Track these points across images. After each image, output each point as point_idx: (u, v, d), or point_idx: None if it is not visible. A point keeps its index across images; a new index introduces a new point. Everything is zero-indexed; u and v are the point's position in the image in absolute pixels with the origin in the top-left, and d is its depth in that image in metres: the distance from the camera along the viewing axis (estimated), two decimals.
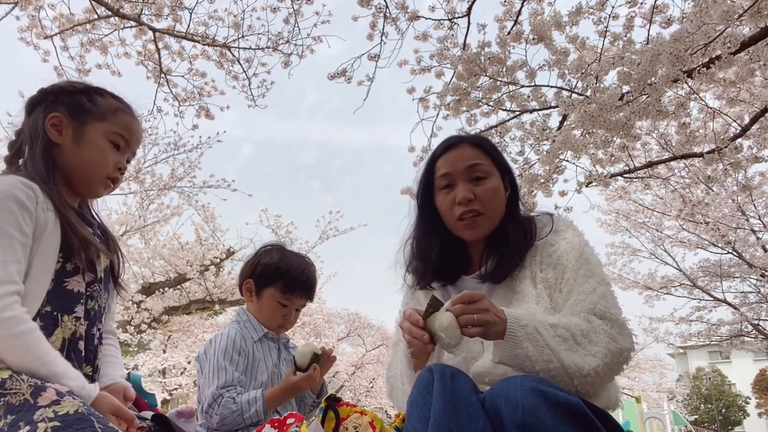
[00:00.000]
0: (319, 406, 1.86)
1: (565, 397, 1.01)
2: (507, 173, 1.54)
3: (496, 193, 1.47)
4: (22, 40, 4.50)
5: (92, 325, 1.29)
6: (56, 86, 1.40)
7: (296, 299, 1.89)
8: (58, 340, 1.20)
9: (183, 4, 4.58)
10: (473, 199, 1.44)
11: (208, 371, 1.73)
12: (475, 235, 1.47)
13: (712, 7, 2.77)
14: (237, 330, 1.83)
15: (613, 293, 1.36)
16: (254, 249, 2.02)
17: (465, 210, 1.44)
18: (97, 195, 1.43)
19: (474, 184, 1.46)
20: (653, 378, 18.79)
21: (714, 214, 8.35)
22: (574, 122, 3.57)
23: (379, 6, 4.07)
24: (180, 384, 12.06)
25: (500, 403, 1.01)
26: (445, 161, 1.50)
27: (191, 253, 9.26)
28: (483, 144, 1.53)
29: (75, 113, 1.35)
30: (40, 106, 1.36)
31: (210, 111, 5.30)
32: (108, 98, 1.41)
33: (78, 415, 1.03)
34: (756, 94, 4.86)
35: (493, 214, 1.46)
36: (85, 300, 1.28)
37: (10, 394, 1.05)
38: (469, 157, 1.47)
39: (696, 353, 35.36)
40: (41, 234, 1.21)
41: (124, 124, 1.39)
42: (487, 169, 1.47)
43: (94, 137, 1.35)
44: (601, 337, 1.24)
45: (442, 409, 1.03)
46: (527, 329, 1.19)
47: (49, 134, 1.33)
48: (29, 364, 1.10)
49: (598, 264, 1.40)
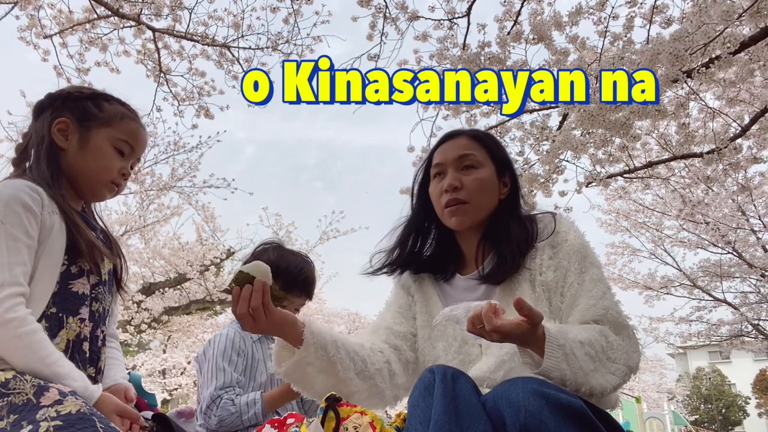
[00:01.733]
0: (301, 406, 1.86)
1: (568, 400, 1.00)
2: (507, 168, 1.51)
3: (484, 184, 1.44)
4: (21, 39, 4.51)
5: (96, 327, 1.31)
6: (64, 91, 1.41)
7: (295, 297, 1.89)
8: (62, 342, 1.21)
9: (182, 4, 4.58)
10: (459, 188, 1.42)
11: (207, 372, 1.73)
12: (459, 223, 1.44)
13: (711, 7, 2.77)
14: (236, 330, 1.83)
15: (616, 297, 1.34)
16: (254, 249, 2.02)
17: (450, 198, 1.43)
18: (101, 199, 1.45)
19: (463, 173, 1.44)
20: (653, 378, 18.79)
21: (714, 214, 8.35)
22: (573, 122, 3.57)
23: (379, 6, 4.07)
24: (180, 384, 12.07)
25: (502, 405, 1.00)
26: (440, 151, 1.49)
27: (191, 253, 9.26)
28: (480, 136, 1.52)
29: (81, 119, 1.36)
30: (47, 111, 1.38)
31: (210, 111, 5.30)
32: (115, 104, 1.42)
33: (80, 414, 1.03)
34: (756, 94, 4.86)
35: (478, 204, 1.43)
36: (89, 302, 1.29)
37: (13, 393, 1.06)
38: (461, 147, 1.46)
39: (696, 353, 35.34)
40: (47, 237, 1.22)
41: (129, 130, 1.41)
42: (478, 159, 1.45)
43: (100, 143, 1.36)
44: (619, 354, 1.21)
45: (443, 410, 1.02)
46: (565, 349, 1.13)
47: (56, 139, 1.34)
48: (33, 364, 1.11)
49: (601, 267, 1.39)
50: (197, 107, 5.27)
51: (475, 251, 1.47)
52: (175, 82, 5.14)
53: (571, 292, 1.32)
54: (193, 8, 4.60)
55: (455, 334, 1.41)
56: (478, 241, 1.47)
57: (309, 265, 1.94)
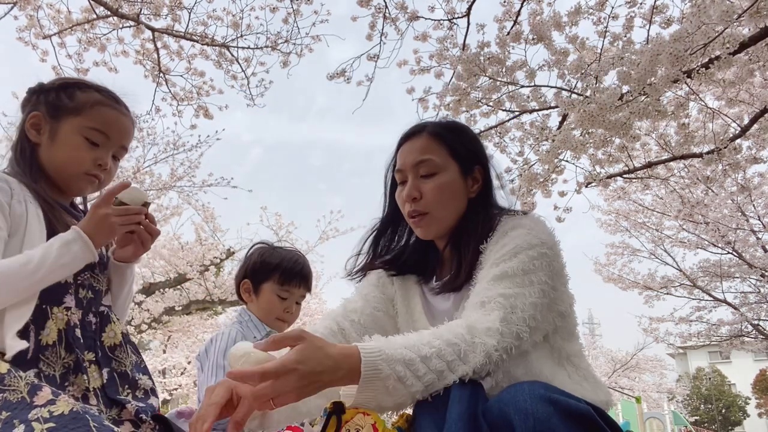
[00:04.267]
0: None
1: (576, 405, 0.99)
2: (475, 162, 1.39)
3: (444, 192, 1.34)
4: (20, 39, 4.51)
5: (87, 313, 1.28)
6: (40, 84, 1.37)
7: (295, 289, 1.89)
8: (53, 332, 1.19)
9: (182, 4, 4.58)
10: (417, 198, 1.34)
11: (208, 370, 1.73)
12: (424, 234, 1.38)
13: (711, 8, 2.77)
14: (238, 330, 1.83)
15: (536, 310, 1.14)
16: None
17: (411, 209, 1.35)
18: (82, 193, 1.40)
19: (422, 180, 1.35)
20: (653, 378, 18.77)
21: (713, 215, 8.35)
22: (573, 122, 3.57)
23: (379, 6, 4.07)
24: (180, 384, 12.06)
25: (510, 412, 0.98)
26: (401, 154, 1.40)
27: (191, 253, 9.25)
28: (441, 133, 1.38)
29: (52, 111, 1.31)
30: (27, 106, 1.35)
31: (209, 110, 5.30)
32: (89, 92, 1.34)
33: (73, 414, 1.02)
34: (755, 94, 4.86)
35: (440, 213, 1.35)
36: (74, 289, 1.26)
37: (9, 390, 1.04)
38: (419, 150, 1.36)
39: (696, 353, 35.36)
40: (19, 226, 1.19)
41: (102, 118, 1.32)
42: (437, 163, 1.34)
43: (68, 134, 1.30)
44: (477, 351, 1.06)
45: (458, 417, 1.01)
46: (387, 382, 0.98)
47: (29, 134, 1.31)
48: (22, 285, 1.12)
49: (545, 277, 1.17)
50: (196, 107, 5.28)
51: (444, 253, 1.42)
52: (174, 81, 5.15)
53: (483, 273, 1.22)
54: (192, 8, 4.61)
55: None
56: (446, 243, 1.41)
57: (303, 258, 1.95)
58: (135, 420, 1.20)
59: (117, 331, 1.33)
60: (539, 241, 1.21)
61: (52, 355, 1.17)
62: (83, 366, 1.20)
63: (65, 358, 1.19)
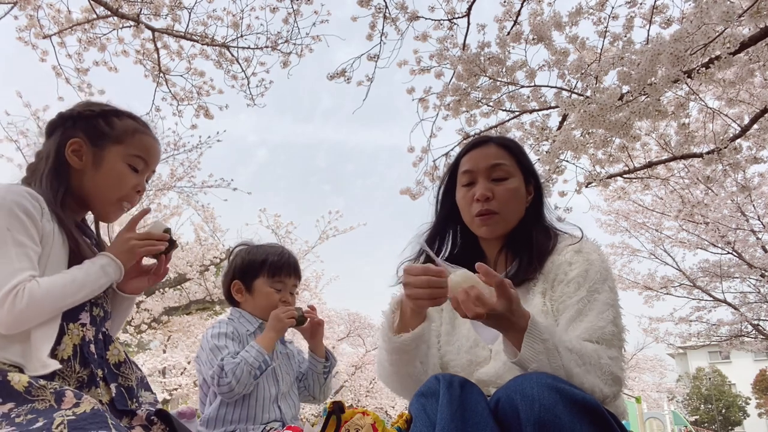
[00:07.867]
0: (329, 374, 1.88)
1: (582, 395, 1.01)
2: (532, 177, 1.54)
3: (515, 195, 1.47)
4: (20, 39, 4.51)
5: (98, 331, 1.33)
6: (74, 110, 1.41)
7: (286, 279, 1.90)
8: (68, 347, 1.23)
9: (182, 4, 4.58)
10: (491, 198, 1.45)
11: (205, 358, 1.73)
12: (489, 232, 1.48)
13: (711, 8, 2.76)
14: (227, 322, 1.84)
15: (622, 325, 1.33)
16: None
17: (482, 208, 1.45)
18: (111, 218, 1.46)
19: (494, 183, 1.47)
20: (653, 378, 18.79)
21: (713, 215, 8.35)
22: (573, 122, 3.57)
23: (379, 6, 4.07)
24: (180, 384, 12.05)
25: (516, 398, 1.00)
26: (469, 158, 1.52)
27: (191, 253, 9.25)
28: (509, 145, 1.54)
29: (93, 138, 1.37)
30: (58, 130, 1.39)
31: (209, 110, 5.30)
32: (125, 119, 1.42)
33: (93, 411, 1.05)
34: (755, 94, 4.86)
35: (508, 215, 1.47)
36: (89, 307, 1.31)
37: (38, 400, 1.08)
38: (492, 156, 1.49)
39: (696, 353, 35.35)
40: (45, 244, 1.24)
41: (142, 145, 1.41)
42: (509, 169, 1.48)
43: (113, 162, 1.37)
44: (609, 367, 1.22)
45: (450, 418, 1.02)
46: (547, 344, 1.13)
47: (70, 160, 1.35)
48: (66, 302, 1.21)
49: (617, 294, 1.36)
50: (196, 107, 5.27)
51: (497, 256, 1.51)
52: (174, 81, 5.15)
53: (578, 307, 1.31)
54: (193, 8, 4.61)
55: (468, 334, 1.45)
56: (501, 247, 1.51)
57: (287, 249, 1.97)
58: (145, 424, 1.23)
59: (120, 349, 1.38)
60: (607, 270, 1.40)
61: (68, 369, 1.21)
62: (97, 380, 1.24)
63: (80, 372, 1.23)
